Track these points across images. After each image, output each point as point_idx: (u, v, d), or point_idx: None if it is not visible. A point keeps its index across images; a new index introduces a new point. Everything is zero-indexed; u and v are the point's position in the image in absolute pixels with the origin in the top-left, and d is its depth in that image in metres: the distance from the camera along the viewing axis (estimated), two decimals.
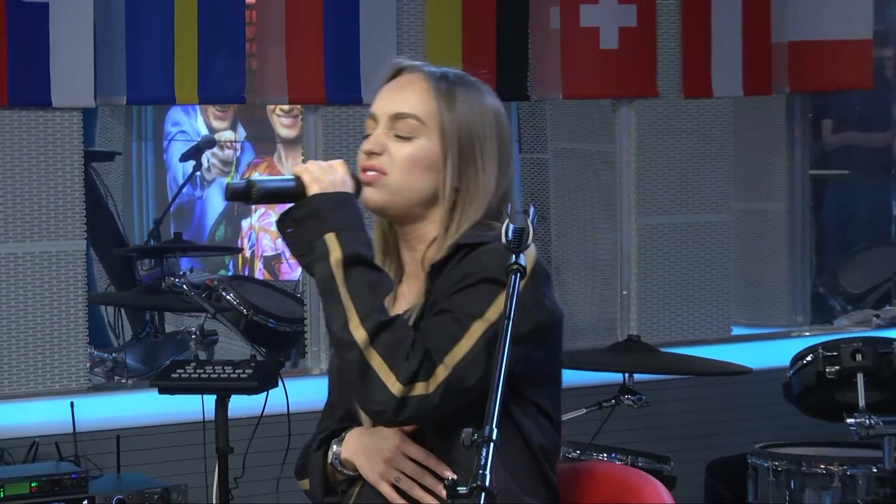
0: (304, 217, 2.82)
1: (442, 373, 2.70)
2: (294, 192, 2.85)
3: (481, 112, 2.96)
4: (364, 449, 2.90)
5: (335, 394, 3.03)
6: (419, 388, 2.70)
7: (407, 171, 2.90)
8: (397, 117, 2.92)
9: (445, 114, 2.91)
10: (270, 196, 2.92)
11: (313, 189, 2.83)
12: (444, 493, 2.57)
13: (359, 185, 2.90)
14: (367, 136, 2.95)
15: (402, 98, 2.94)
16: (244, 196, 2.88)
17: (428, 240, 2.93)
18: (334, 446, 2.95)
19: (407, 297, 2.92)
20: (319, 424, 3.06)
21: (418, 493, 2.80)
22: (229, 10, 4.96)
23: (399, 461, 2.82)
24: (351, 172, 2.90)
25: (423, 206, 2.92)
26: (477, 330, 2.73)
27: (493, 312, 2.73)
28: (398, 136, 2.91)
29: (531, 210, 2.78)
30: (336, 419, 3.03)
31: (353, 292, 2.74)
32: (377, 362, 2.71)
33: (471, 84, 2.99)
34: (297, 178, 2.84)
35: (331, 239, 2.78)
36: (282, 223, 2.84)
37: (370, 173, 2.89)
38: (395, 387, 2.69)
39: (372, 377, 2.70)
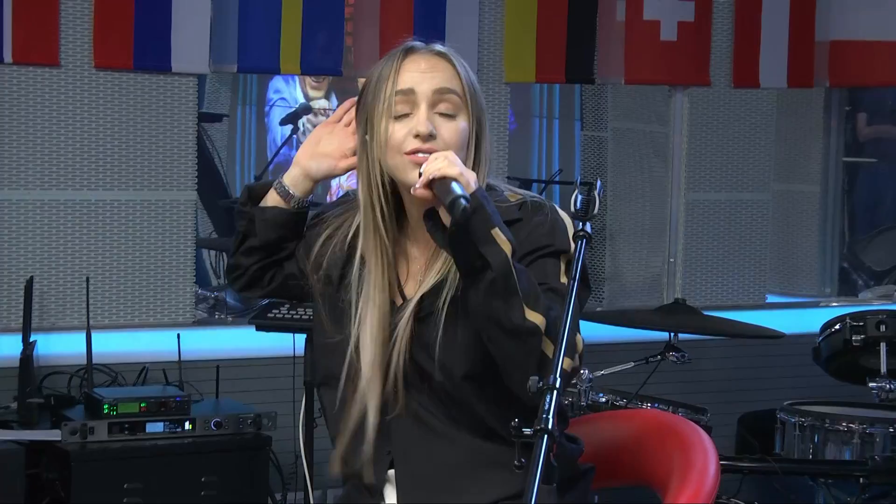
0: (472, 212, 2.49)
1: (579, 343, 2.59)
2: (455, 199, 2.48)
3: (477, 85, 2.76)
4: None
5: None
6: (577, 360, 2.58)
7: (457, 152, 2.63)
8: (440, 93, 2.66)
9: (471, 93, 2.71)
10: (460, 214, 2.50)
11: (471, 183, 2.53)
12: None
13: None
14: (402, 116, 2.66)
15: (439, 75, 2.68)
16: (466, 216, 2.47)
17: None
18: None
19: (423, 274, 2.72)
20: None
21: None
22: None
23: None
24: None
25: None
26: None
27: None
28: (442, 115, 2.67)
29: (598, 183, 2.63)
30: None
31: (521, 280, 2.52)
32: (550, 347, 2.53)
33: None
34: (451, 179, 2.51)
35: (497, 234, 2.51)
36: (454, 226, 2.51)
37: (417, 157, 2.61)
38: (568, 364, 2.48)
39: (548, 361, 2.52)
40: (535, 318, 2.54)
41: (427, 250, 2.75)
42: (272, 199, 2.86)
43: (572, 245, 2.61)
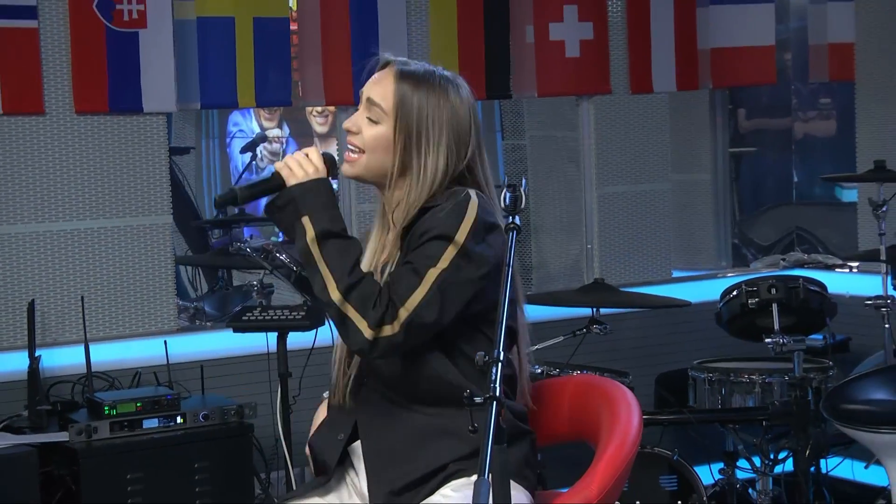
0: (283, 205, 2.74)
1: (403, 315, 2.64)
2: (275, 185, 2.76)
3: (435, 106, 2.80)
4: None
5: None
6: (386, 331, 2.64)
7: (371, 150, 2.80)
8: (370, 102, 2.81)
9: (399, 107, 2.79)
10: (255, 195, 2.81)
11: (290, 181, 2.74)
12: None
13: (333, 162, 2.81)
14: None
15: (376, 88, 2.82)
16: (231, 201, 2.82)
17: (395, 203, 2.83)
18: None
19: (388, 248, 2.83)
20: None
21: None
22: (277, 32, 4.92)
23: None
24: (324, 155, 2.81)
25: (390, 178, 2.82)
26: (431, 277, 2.65)
27: (443, 261, 2.66)
28: (369, 119, 2.81)
29: (524, 181, 2.70)
30: None
31: (327, 262, 2.68)
32: (352, 313, 2.64)
33: (436, 83, 2.83)
34: (276, 174, 2.76)
35: (305, 221, 2.70)
36: (267, 211, 2.77)
37: (349, 153, 2.82)
38: (367, 332, 2.63)
39: (349, 326, 2.65)
40: (332, 292, 2.67)
41: (381, 234, 2.89)
42: None
43: (463, 234, 2.69)
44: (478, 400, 2.32)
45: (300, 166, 2.77)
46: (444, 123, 2.81)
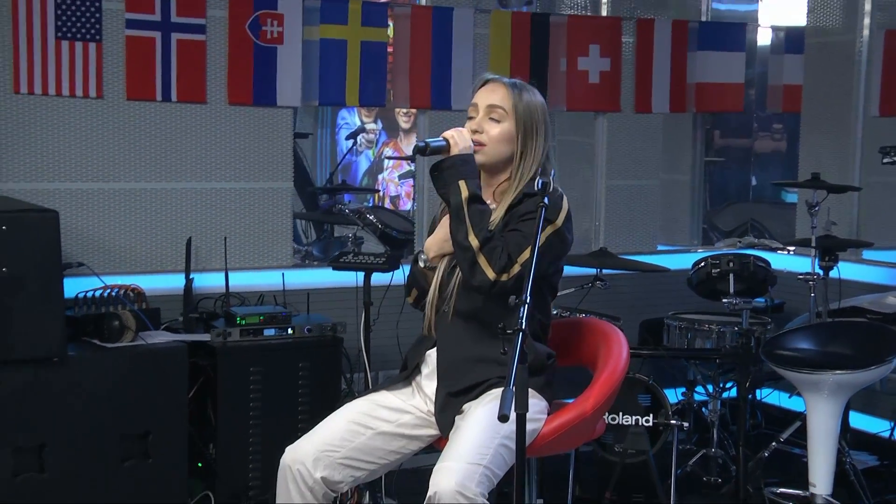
0: (448, 167, 2.71)
1: (515, 268, 2.64)
2: (444, 149, 2.73)
3: (536, 106, 2.84)
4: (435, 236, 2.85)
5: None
6: (503, 276, 2.64)
7: (496, 143, 2.81)
8: (491, 107, 2.80)
9: (518, 106, 2.81)
10: (434, 151, 2.74)
11: (454, 150, 2.73)
12: None
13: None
14: (470, 118, 2.84)
15: (493, 96, 2.82)
16: (422, 151, 2.74)
17: (502, 181, 2.84)
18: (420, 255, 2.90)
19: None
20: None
21: None
22: (377, 52, 4.87)
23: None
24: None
25: (505, 163, 2.84)
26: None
27: (542, 236, 2.64)
28: (491, 119, 2.81)
29: (552, 172, 2.80)
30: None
31: (471, 217, 2.66)
32: (482, 260, 2.65)
33: (530, 89, 2.86)
34: (447, 141, 2.74)
35: (461, 184, 2.69)
36: (434, 169, 2.74)
37: (476, 145, 2.79)
38: (491, 274, 2.64)
39: (478, 268, 2.65)
40: (472, 240, 2.64)
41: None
42: None
43: (560, 218, 2.72)
44: (509, 331, 2.30)
45: (461, 140, 2.74)
46: (542, 116, 2.83)
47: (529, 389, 2.71)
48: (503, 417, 2.14)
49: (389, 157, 8.21)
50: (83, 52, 4.27)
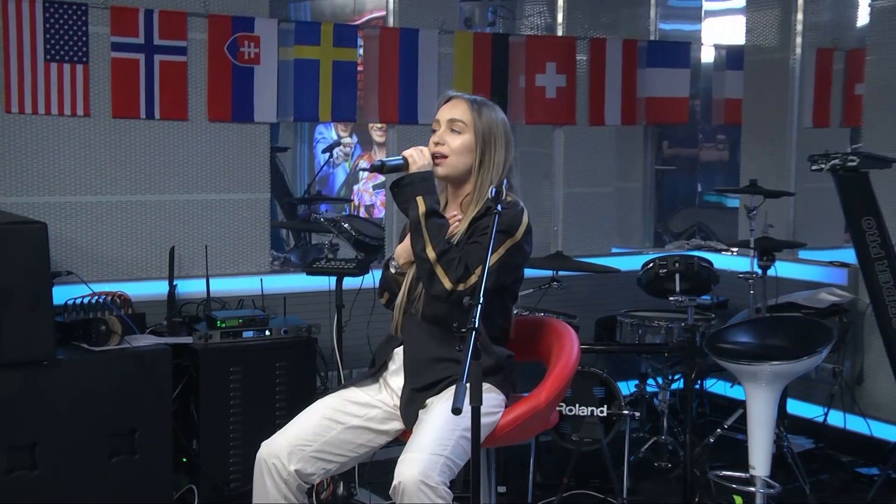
0: (407, 184, 2.73)
1: (472, 279, 2.65)
2: (403, 167, 2.74)
3: (495, 121, 2.85)
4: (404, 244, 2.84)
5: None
6: (460, 286, 2.65)
7: (457, 154, 2.82)
8: (452, 121, 2.82)
9: (477, 120, 2.82)
10: (391, 170, 2.77)
11: (413, 168, 2.74)
12: None
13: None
14: (433, 132, 2.86)
15: (455, 110, 2.84)
16: (379, 170, 2.76)
17: (466, 193, 2.86)
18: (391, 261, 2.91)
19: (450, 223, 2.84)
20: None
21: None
22: (348, 71, 4.86)
23: None
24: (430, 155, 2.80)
25: (467, 174, 2.84)
26: (493, 256, 2.66)
27: (502, 248, 2.67)
28: (453, 131, 2.82)
29: (504, 182, 2.78)
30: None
31: (429, 232, 2.68)
32: (439, 270, 2.66)
33: (490, 105, 2.88)
34: (405, 159, 2.75)
35: (419, 200, 2.70)
36: (393, 187, 2.75)
37: (438, 157, 2.81)
38: (448, 284, 2.65)
39: (436, 278, 2.66)
40: (429, 252, 2.65)
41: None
42: None
43: (520, 232, 2.72)
44: (463, 330, 2.32)
45: (419, 157, 2.75)
46: (502, 130, 2.84)
47: (488, 384, 2.74)
48: (456, 410, 2.15)
49: (363, 169, 8.21)
50: (71, 74, 4.26)
